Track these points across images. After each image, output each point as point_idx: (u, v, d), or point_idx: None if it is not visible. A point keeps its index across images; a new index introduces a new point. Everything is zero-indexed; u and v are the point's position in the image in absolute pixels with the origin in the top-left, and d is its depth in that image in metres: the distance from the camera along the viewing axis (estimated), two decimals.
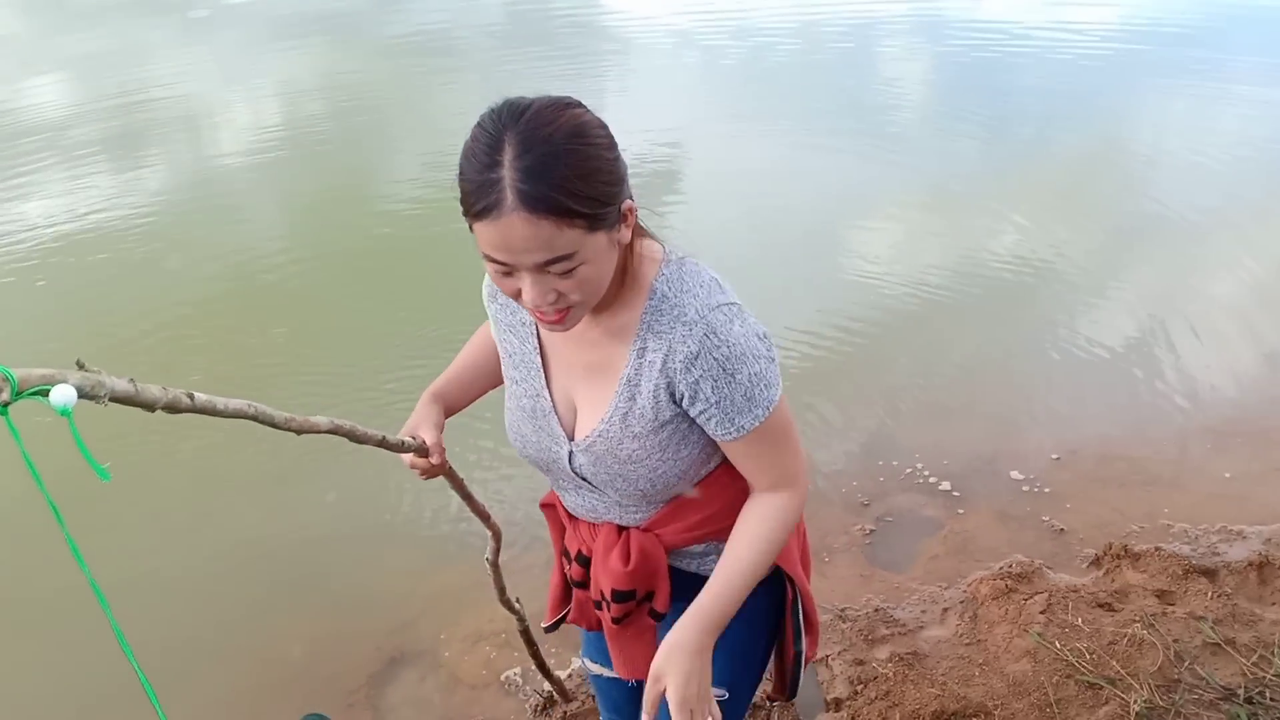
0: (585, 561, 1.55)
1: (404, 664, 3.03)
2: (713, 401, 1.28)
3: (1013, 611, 2.94)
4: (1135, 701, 2.56)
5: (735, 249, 5.49)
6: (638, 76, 9.45)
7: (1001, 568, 3.14)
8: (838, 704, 2.70)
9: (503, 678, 2.91)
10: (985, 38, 9.82)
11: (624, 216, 1.20)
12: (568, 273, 1.15)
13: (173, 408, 1.06)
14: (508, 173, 1.09)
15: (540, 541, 3.28)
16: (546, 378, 1.42)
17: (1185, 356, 4.36)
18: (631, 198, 1.22)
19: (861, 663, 2.81)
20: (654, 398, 1.31)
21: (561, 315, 1.22)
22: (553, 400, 1.42)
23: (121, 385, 0.98)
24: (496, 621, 3.00)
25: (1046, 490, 3.56)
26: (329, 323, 4.88)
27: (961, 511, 3.48)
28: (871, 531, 3.40)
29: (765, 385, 1.29)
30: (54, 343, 4.76)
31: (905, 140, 7.35)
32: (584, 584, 1.58)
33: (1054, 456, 3.73)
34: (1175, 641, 2.76)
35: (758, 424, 1.30)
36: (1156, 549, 3.15)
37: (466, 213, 1.15)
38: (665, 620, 1.52)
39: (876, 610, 3.03)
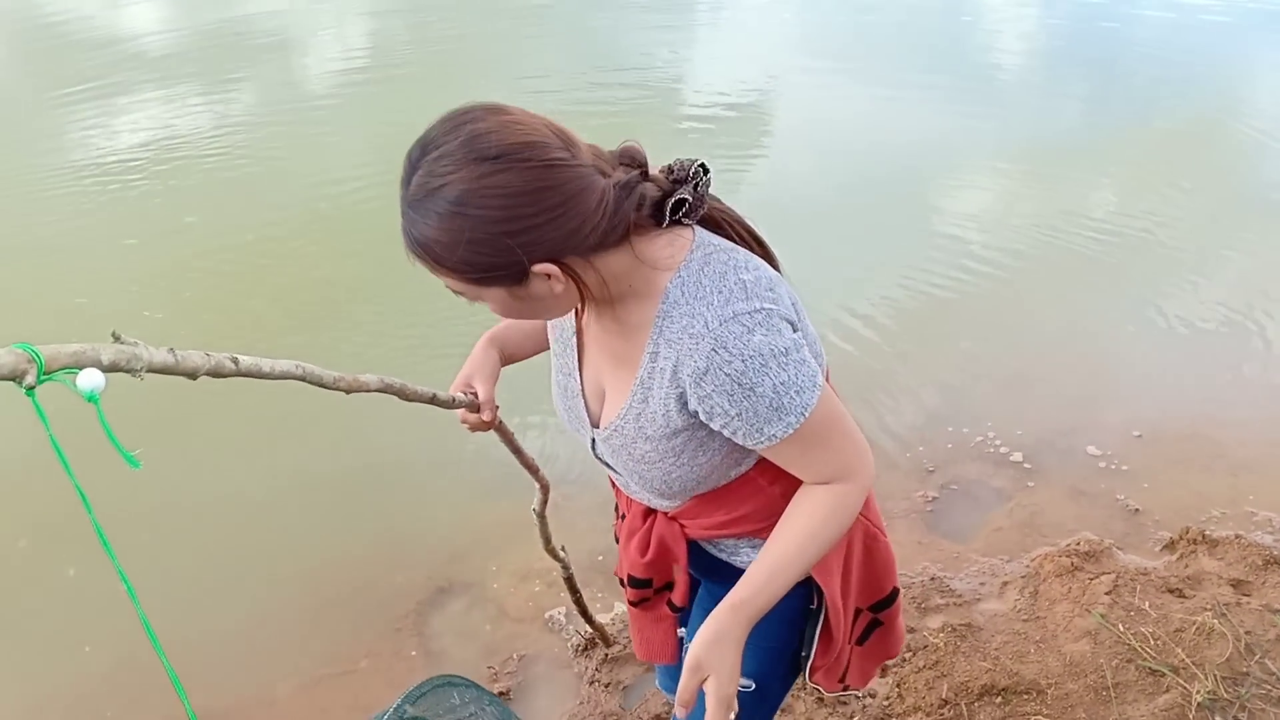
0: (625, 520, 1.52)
1: (452, 594, 3.04)
2: (733, 415, 1.18)
3: (1076, 590, 2.83)
4: (1198, 692, 2.45)
5: (819, 200, 5.38)
6: (732, 19, 9.27)
7: (1068, 544, 3.03)
8: (884, 670, 2.64)
9: (547, 616, 2.90)
10: None
11: (541, 276, 1.11)
12: (473, 299, 1.17)
13: (217, 373, 1.05)
14: (404, 208, 1.11)
15: (591, 489, 3.27)
16: (580, 359, 1.37)
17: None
18: (557, 260, 1.11)
19: (912, 630, 2.73)
20: (664, 405, 1.23)
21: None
22: (582, 383, 1.37)
23: (160, 356, 0.96)
24: (546, 559, 2.96)
25: (1124, 468, 3.41)
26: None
27: (1032, 484, 3.36)
28: (934, 499, 3.31)
29: (796, 391, 1.16)
30: (135, 252, 4.87)
31: (1004, 96, 7.11)
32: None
33: (1135, 434, 3.57)
34: (1247, 634, 2.63)
35: (791, 431, 1.18)
36: (1237, 536, 3.01)
37: None
38: (683, 613, 1.48)
39: (933, 579, 2.95)
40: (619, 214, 1.12)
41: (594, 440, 1.38)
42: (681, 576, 1.44)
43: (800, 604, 1.43)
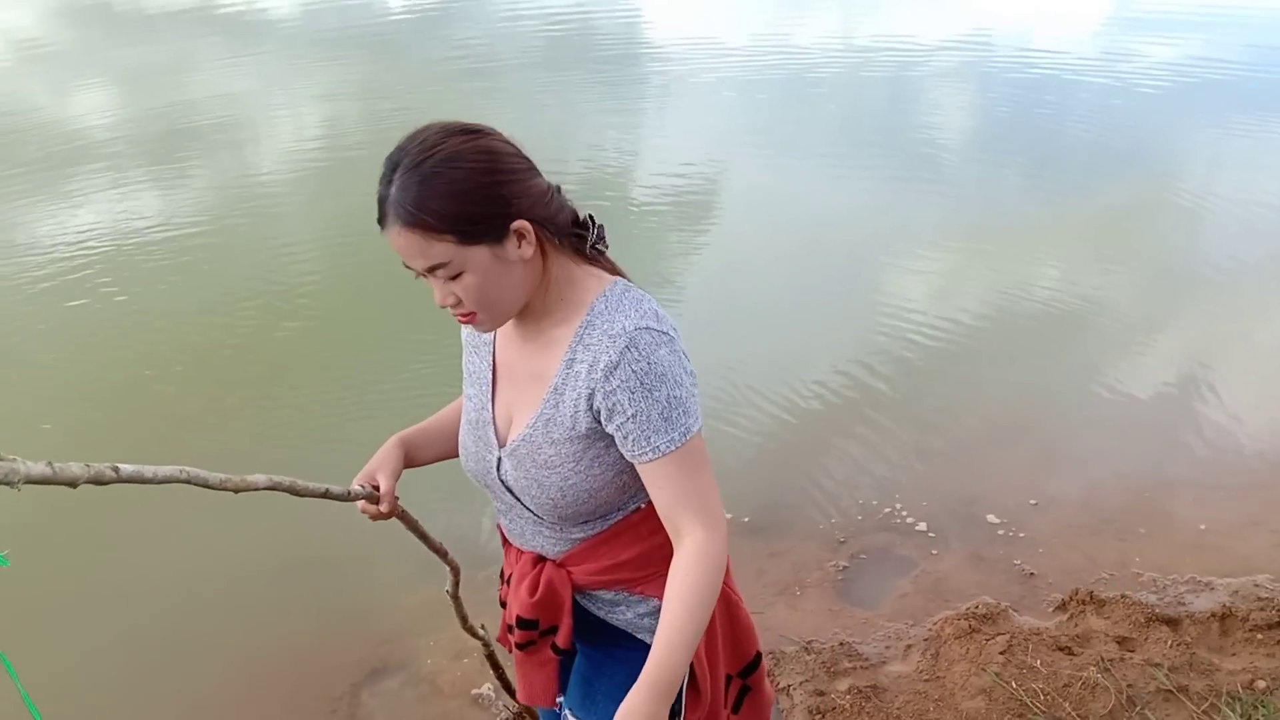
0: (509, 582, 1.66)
1: (386, 674, 3.15)
2: (629, 415, 1.34)
3: (973, 651, 3.02)
4: None
5: (767, 279, 5.64)
6: (676, 105, 9.59)
7: (968, 608, 3.22)
8: None
9: (474, 693, 3.02)
10: (1034, 72, 9.87)
11: (518, 234, 1.33)
12: (455, 278, 1.32)
13: (97, 481, 1.10)
14: (392, 189, 1.29)
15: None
16: (493, 393, 1.53)
17: (1184, 411, 4.42)
18: (536, 220, 1.34)
19: (822, 694, 2.90)
20: (574, 406, 1.39)
21: (470, 318, 1.38)
22: (493, 412, 1.52)
23: (37, 469, 1.01)
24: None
25: (1021, 535, 3.64)
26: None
27: (935, 552, 3.57)
28: (845, 568, 3.50)
29: (683, 411, 1.36)
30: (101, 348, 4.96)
31: (945, 175, 7.41)
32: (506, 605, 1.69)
33: (1032, 502, 3.80)
34: (1129, 686, 2.84)
35: (674, 448, 1.35)
36: (1123, 596, 3.22)
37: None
38: (565, 656, 1.61)
39: (842, 644, 3.12)
40: (560, 206, 1.39)
41: (499, 461, 1.50)
42: (566, 620, 1.55)
43: None
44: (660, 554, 1.49)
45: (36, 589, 3.40)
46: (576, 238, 1.43)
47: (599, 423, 1.39)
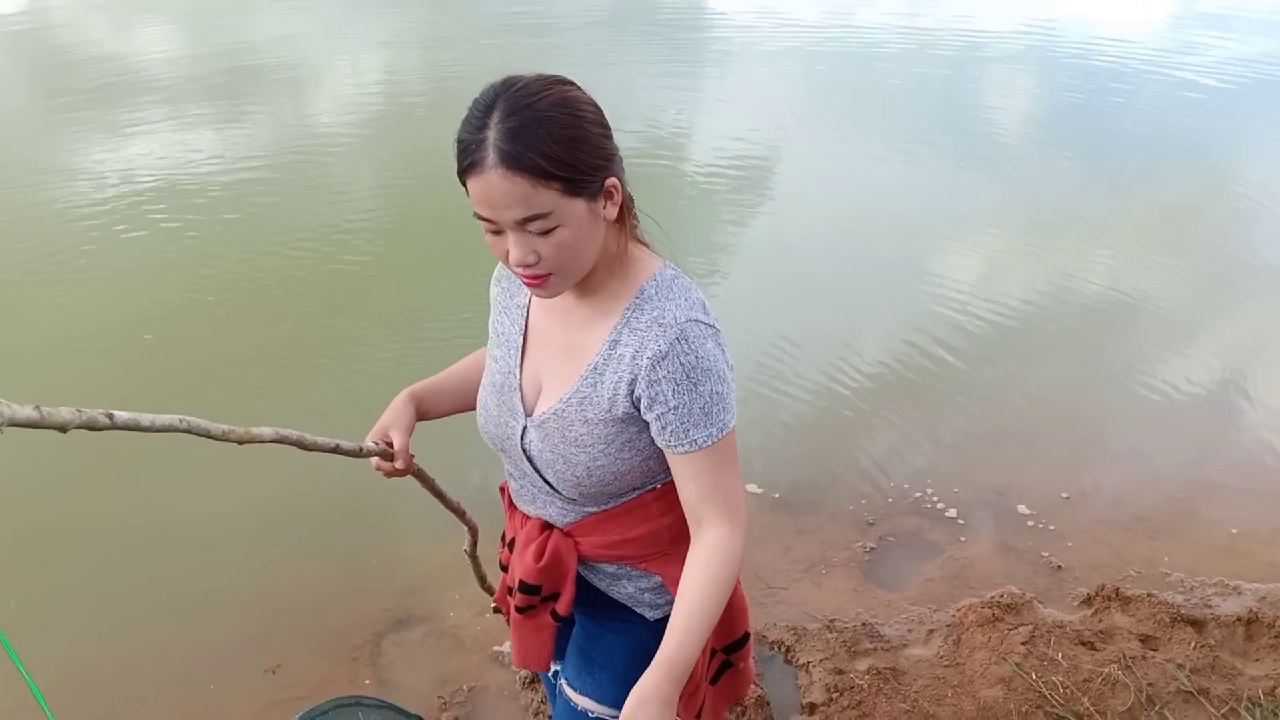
0: (513, 547, 1.66)
1: (408, 625, 3.19)
2: (671, 406, 1.33)
3: (995, 639, 3.01)
4: None
5: (817, 252, 5.63)
6: (738, 72, 9.52)
7: (992, 597, 3.21)
8: (812, 708, 2.81)
9: (495, 650, 3.05)
10: (1099, 61, 9.72)
11: (608, 193, 1.30)
12: (546, 233, 1.26)
13: (90, 427, 1.07)
14: (492, 133, 1.21)
15: None
16: (522, 357, 1.50)
17: (1225, 413, 4.39)
18: (622, 180, 1.33)
19: (841, 672, 2.91)
20: (614, 389, 1.37)
21: (542, 280, 1.31)
22: (521, 378, 1.49)
23: (24, 412, 0.98)
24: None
25: (1051, 527, 3.61)
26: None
27: (964, 539, 3.55)
28: (872, 549, 3.49)
29: (723, 407, 1.35)
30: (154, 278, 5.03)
31: (1003, 159, 7.36)
32: (507, 569, 1.69)
33: (1064, 495, 3.78)
34: (1149, 685, 2.82)
35: (710, 442, 1.35)
36: (1149, 595, 3.20)
37: (459, 171, 1.27)
38: (564, 624, 1.61)
39: (864, 624, 3.12)
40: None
41: (525, 429, 1.47)
42: (569, 588, 1.55)
43: (656, 639, 1.51)
44: (668, 534, 1.50)
45: (54, 540, 3.47)
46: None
47: (636, 409, 1.38)
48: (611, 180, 1.30)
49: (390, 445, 1.61)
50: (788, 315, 4.94)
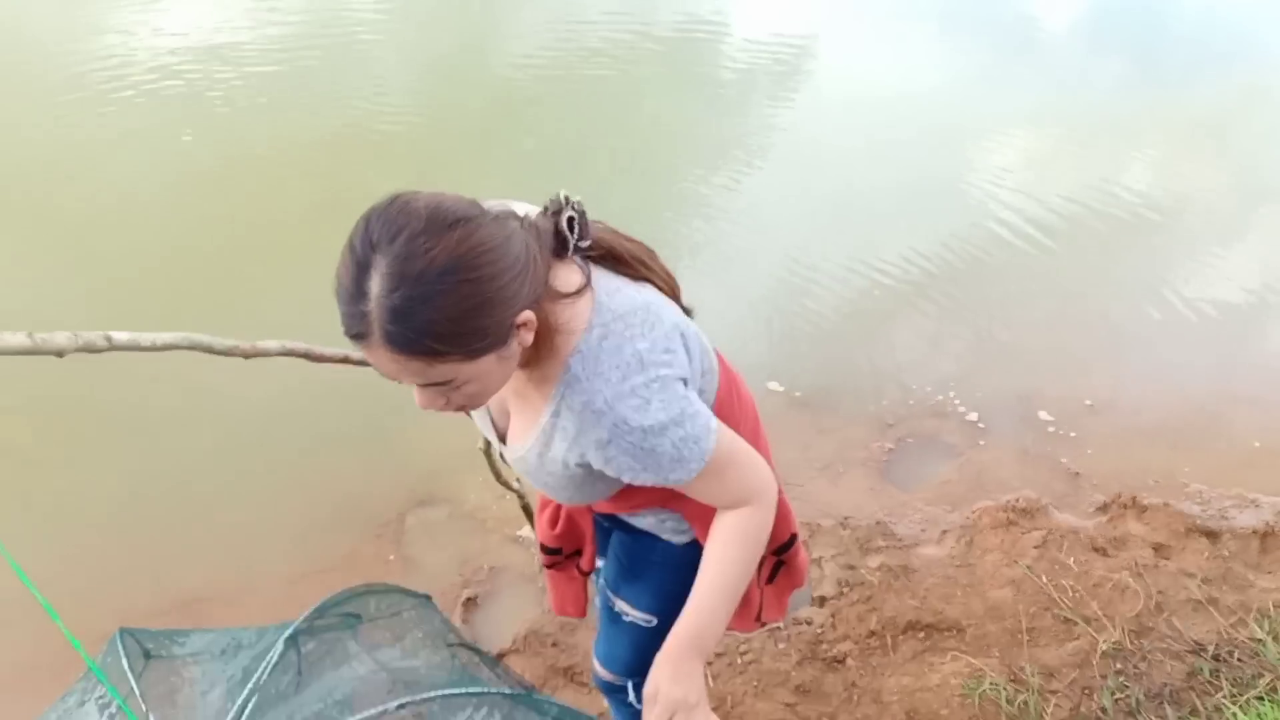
0: None
1: (432, 506, 3.26)
2: (638, 469, 1.27)
3: (1008, 542, 3.05)
4: (1105, 641, 2.67)
5: (848, 153, 5.54)
6: None
7: (1008, 501, 3.23)
8: (822, 601, 2.87)
9: (518, 534, 3.12)
10: None
11: (519, 329, 1.16)
12: (454, 389, 1.16)
13: (88, 350, 1.04)
14: (374, 308, 1.06)
15: None
16: None
17: (1255, 326, 4.36)
18: (532, 306, 1.17)
19: (852, 568, 2.96)
20: (564, 456, 1.31)
21: (460, 410, 1.24)
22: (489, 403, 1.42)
23: (15, 340, 0.94)
24: (523, 480, 3.21)
25: (1072, 434, 3.62)
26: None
27: (983, 443, 3.57)
28: (890, 450, 3.52)
29: (694, 442, 1.26)
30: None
31: (1044, 59, 7.14)
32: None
33: (1087, 403, 3.77)
34: (1160, 593, 2.85)
35: (693, 476, 1.29)
36: (1165, 504, 3.22)
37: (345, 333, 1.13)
38: (591, 575, 1.66)
39: (878, 523, 3.16)
40: (541, 255, 1.18)
41: (502, 453, 1.45)
42: (588, 547, 1.59)
43: (684, 557, 1.53)
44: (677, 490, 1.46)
45: (84, 425, 3.53)
46: (557, 248, 1.25)
47: (596, 470, 1.32)
48: (523, 317, 1.15)
49: None
50: (815, 215, 4.89)
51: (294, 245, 4.40)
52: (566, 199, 1.25)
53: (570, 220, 1.24)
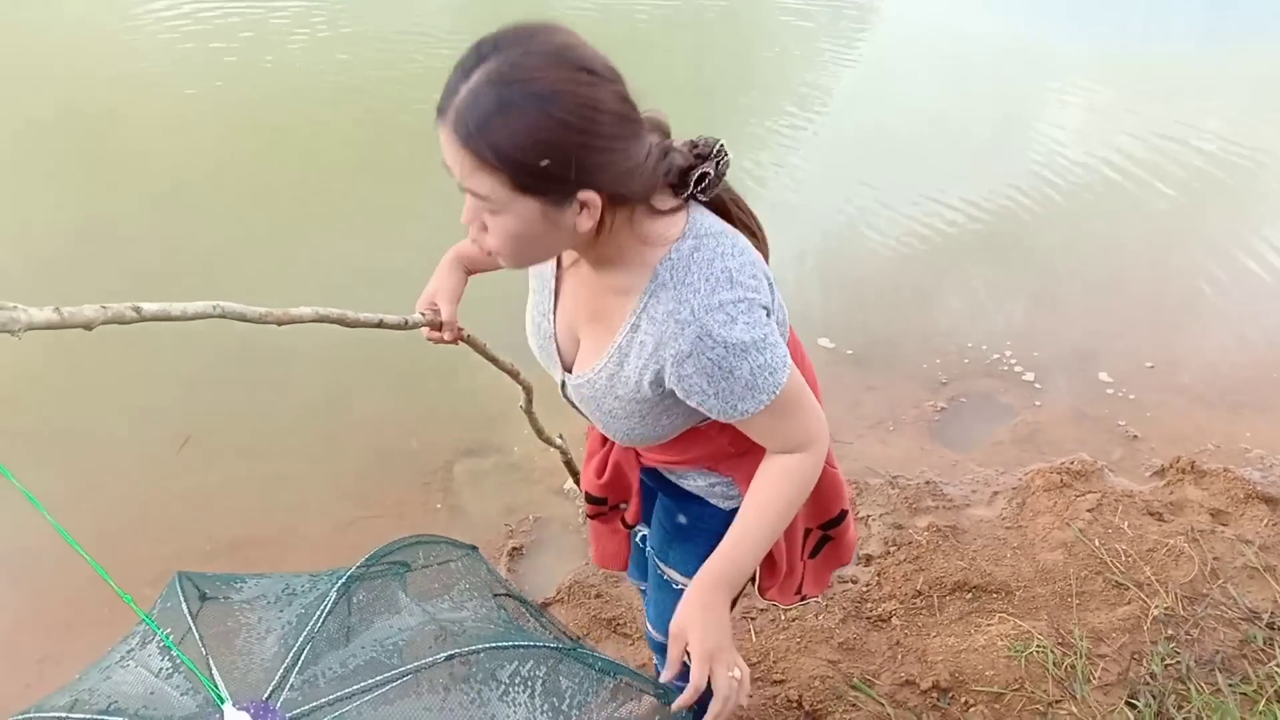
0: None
1: (479, 455, 3.27)
2: (710, 394, 1.25)
3: (1061, 505, 3.00)
4: (1156, 607, 2.62)
5: (911, 96, 5.44)
6: None
7: (1062, 463, 3.18)
8: (868, 560, 2.84)
9: (566, 486, 3.13)
10: None
11: (579, 206, 1.13)
12: (491, 213, 1.14)
13: (117, 322, 1.01)
14: (464, 91, 1.07)
15: None
16: (555, 302, 1.42)
17: None
18: (606, 192, 1.14)
19: (900, 527, 2.93)
20: (639, 375, 1.29)
21: (488, 251, 1.21)
22: (555, 328, 1.42)
23: (41, 315, 0.91)
24: (569, 432, 3.21)
25: (1131, 396, 3.54)
26: None
27: (1039, 404, 3.50)
28: (943, 409, 3.46)
29: (770, 372, 1.24)
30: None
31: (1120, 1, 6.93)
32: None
33: (1149, 364, 3.68)
34: (1215, 559, 2.79)
35: (762, 407, 1.27)
36: (1225, 469, 3.14)
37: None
38: (634, 531, 1.65)
39: (928, 483, 3.12)
40: (654, 174, 1.16)
41: (564, 383, 1.44)
42: (634, 500, 1.57)
43: (726, 525, 1.51)
44: (731, 449, 1.46)
45: (135, 368, 3.58)
46: (676, 184, 1.23)
47: (664, 388, 1.30)
48: (585, 195, 1.12)
49: (438, 312, 1.60)
50: (875, 161, 4.81)
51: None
52: (720, 151, 1.24)
53: (702, 177, 1.23)
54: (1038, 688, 2.41)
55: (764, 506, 1.35)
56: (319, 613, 1.56)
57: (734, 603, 1.59)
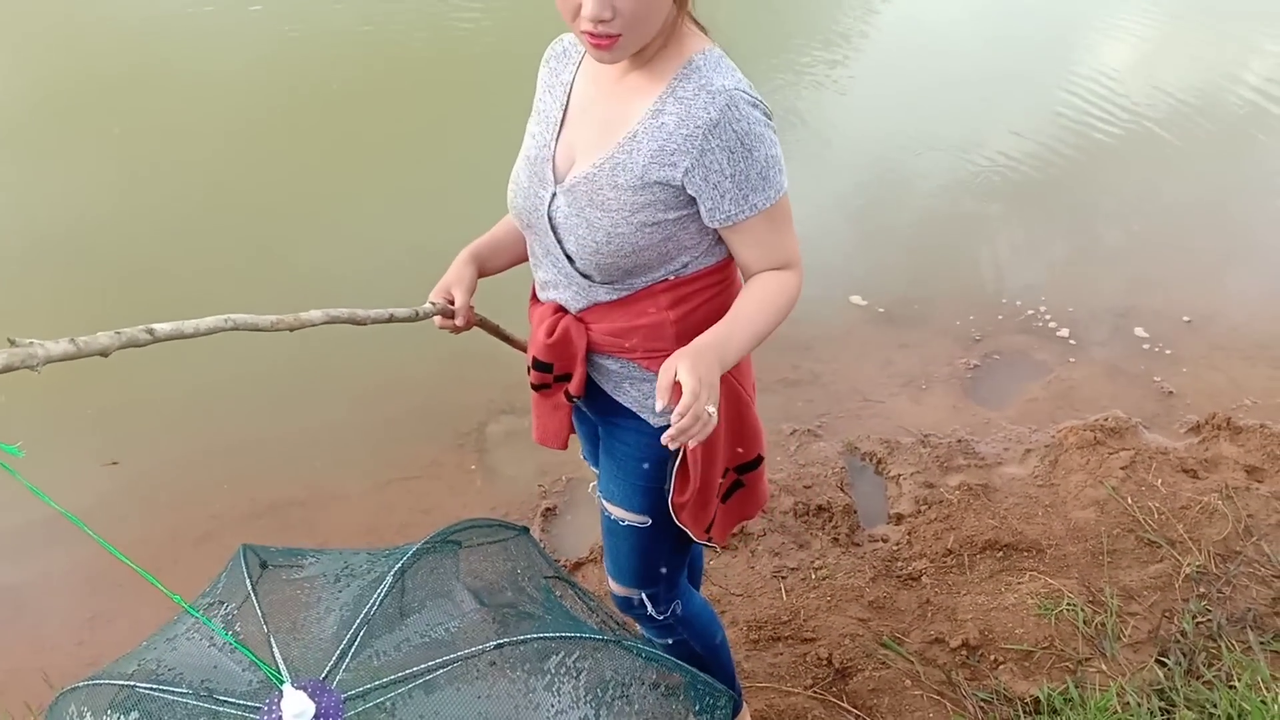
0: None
1: (513, 416, 3.30)
2: (728, 174, 1.36)
3: (1094, 462, 2.99)
4: (1189, 565, 2.62)
5: (952, 36, 5.35)
6: None
7: (1096, 420, 3.16)
8: (899, 519, 2.86)
9: None
10: None
11: None
12: None
13: (132, 345, 1.02)
14: None
15: None
16: (559, 131, 1.51)
17: None
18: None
19: (931, 486, 2.94)
20: (649, 157, 1.38)
21: (611, 41, 1.32)
22: (555, 150, 1.51)
23: (59, 348, 0.92)
24: None
25: (1168, 352, 3.51)
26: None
27: (1073, 360, 3.48)
28: (975, 366, 3.45)
29: (779, 170, 1.39)
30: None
31: None
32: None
33: (1186, 319, 3.64)
34: (1249, 516, 2.78)
35: (770, 204, 1.39)
36: (1262, 426, 3.11)
37: None
38: (577, 407, 1.69)
39: (960, 441, 3.12)
40: None
41: (554, 196, 1.49)
42: (580, 369, 1.59)
43: (660, 448, 1.50)
44: (673, 330, 1.50)
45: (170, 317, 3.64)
46: None
47: (669, 186, 1.39)
48: None
49: (452, 303, 1.65)
50: (913, 108, 4.75)
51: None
52: None
53: None
54: (1067, 645, 2.43)
55: (756, 306, 1.44)
56: (375, 596, 1.60)
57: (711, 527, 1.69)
